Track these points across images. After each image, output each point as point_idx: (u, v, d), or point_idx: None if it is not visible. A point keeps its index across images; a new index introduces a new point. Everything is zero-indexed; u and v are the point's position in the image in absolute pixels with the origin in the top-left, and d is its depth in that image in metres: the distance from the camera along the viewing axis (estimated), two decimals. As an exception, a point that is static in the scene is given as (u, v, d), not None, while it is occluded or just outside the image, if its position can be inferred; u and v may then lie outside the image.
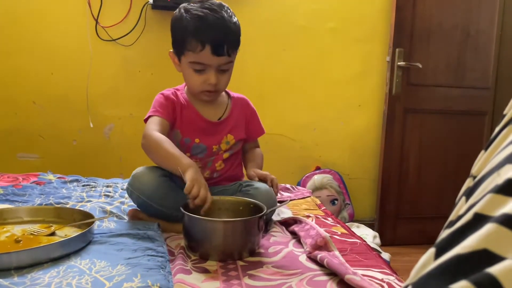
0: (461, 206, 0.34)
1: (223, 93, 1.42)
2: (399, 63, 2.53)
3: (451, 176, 2.66)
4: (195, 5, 1.25)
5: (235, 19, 1.27)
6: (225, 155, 1.38)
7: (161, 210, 1.22)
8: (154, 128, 1.24)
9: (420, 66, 2.53)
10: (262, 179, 1.29)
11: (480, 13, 2.63)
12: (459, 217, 0.32)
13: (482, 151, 0.37)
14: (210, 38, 1.20)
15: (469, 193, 0.34)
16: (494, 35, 2.66)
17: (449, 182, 2.66)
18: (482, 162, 0.36)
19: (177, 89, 1.38)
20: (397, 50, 2.53)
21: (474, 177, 0.36)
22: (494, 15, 2.65)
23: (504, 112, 0.38)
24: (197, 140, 1.33)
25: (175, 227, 1.22)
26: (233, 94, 1.45)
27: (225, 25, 1.22)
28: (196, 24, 1.21)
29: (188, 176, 1.09)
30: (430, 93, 2.63)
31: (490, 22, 2.65)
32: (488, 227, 0.28)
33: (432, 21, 2.57)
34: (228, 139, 1.37)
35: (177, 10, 1.28)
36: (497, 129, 0.37)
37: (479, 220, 0.30)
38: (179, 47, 1.27)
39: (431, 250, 0.32)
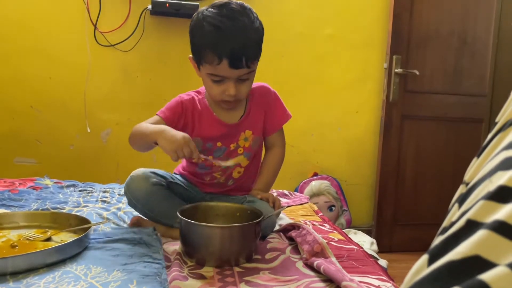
0: (454, 212, 0.35)
1: None
2: (396, 69, 2.54)
3: (448, 183, 2.67)
4: (214, 10, 1.16)
5: (257, 24, 1.20)
6: (244, 163, 1.35)
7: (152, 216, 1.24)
8: (145, 122, 1.23)
9: (417, 73, 2.55)
10: (265, 200, 1.27)
11: (477, 20, 2.65)
12: (452, 224, 0.32)
13: (475, 158, 0.38)
14: (227, 52, 1.13)
15: (462, 199, 0.34)
16: (490, 42, 2.68)
17: (446, 189, 2.66)
18: (475, 169, 0.36)
19: (199, 93, 1.33)
20: (394, 57, 2.54)
21: (467, 184, 0.36)
22: (491, 22, 2.66)
23: (496, 119, 0.38)
24: (219, 144, 1.31)
25: (171, 232, 1.22)
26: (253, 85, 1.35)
27: (245, 35, 1.15)
28: (213, 36, 1.14)
29: (163, 146, 1.09)
30: (427, 100, 2.64)
31: (486, 29, 2.66)
32: (480, 234, 0.28)
33: (429, 28, 2.58)
34: (246, 135, 1.33)
35: (196, 14, 1.20)
36: (489, 136, 0.37)
37: (471, 227, 0.30)
38: (197, 57, 1.21)
39: (424, 257, 0.32)
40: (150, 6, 2.31)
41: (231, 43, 1.13)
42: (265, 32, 2.75)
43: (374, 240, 2.43)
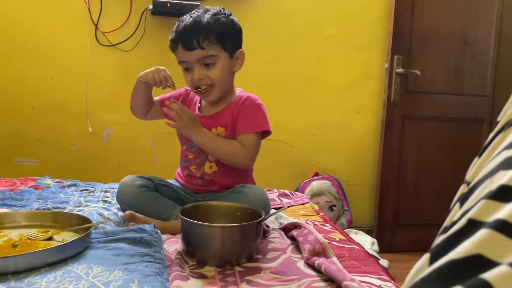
0: (455, 212, 0.35)
1: (236, 91, 1.41)
2: (397, 70, 2.54)
3: (449, 182, 2.67)
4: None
5: (218, 16, 1.29)
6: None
7: None
8: None
9: (418, 73, 2.54)
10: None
11: (478, 20, 2.64)
12: (453, 223, 0.32)
13: (476, 158, 0.38)
14: (179, 35, 1.28)
15: (463, 199, 0.35)
16: (492, 42, 2.68)
17: (447, 189, 2.66)
18: (476, 169, 0.36)
19: None
20: (395, 57, 2.54)
21: (468, 183, 0.36)
22: (492, 22, 2.66)
23: (498, 119, 0.38)
24: None
25: (167, 227, 1.24)
26: (243, 93, 1.40)
27: (196, 20, 1.26)
28: (175, 28, 1.31)
29: (145, 74, 1.35)
30: (428, 100, 2.64)
31: (488, 29, 2.66)
32: (481, 233, 0.28)
33: (430, 28, 2.58)
34: (218, 131, 1.35)
35: None
36: (490, 136, 0.37)
37: (473, 226, 0.30)
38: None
39: (426, 256, 0.32)
40: (151, 6, 2.31)
41: (183, 27, 1.28)
42: (267, 32, 2.75)
43: (375, 240, 2.43)
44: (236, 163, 1.33)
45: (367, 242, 2.35)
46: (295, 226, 1.26)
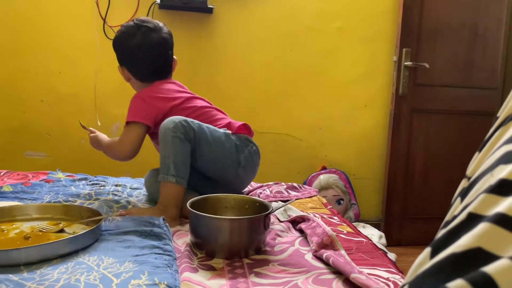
0: (456, 206, 0.35)
1: None
2: (406, 63, 2.53)
3: (458, 176, 2.64)
4: None
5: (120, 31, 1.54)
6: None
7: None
8: None
9: (427, 66, 2.53)
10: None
11: (488, 12, 2.61)
12: (454, 217, 0.33)
13: (477, 153, 0.38)
14: None
15: (464, 193, 0.35)
16: (502, 34, 2.65)
17: (455, 183, 2.61)
18: (476, 163, 0.37)
19: None
20: (404, 50, 2.53)
21: (469, 178, 0.37)
22: (502, 14, 2.63)
23: (498, 114, 0.38)
24: None
25: (175, 222, 1.27)
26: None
27: None
28: None
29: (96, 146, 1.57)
30: (437, 93, 2.62)
31: (498, 21, 2.63)
32: (481, 226, 0.29)
33: (439, 21, 2.56)
34: None
35: None
36: (491, 131, 0.38)
37: (473, 220, 0.30)
38: None
39: (427, 250, 0.32)
40: (158, 0, 2.31)
41: None
42: (274, 26, 2.74)
43: (383, 234, 2.43)
44: (116, 159, 1.50)
45: (375, 236, 2.36)
46: (303, 218, 1.27)
